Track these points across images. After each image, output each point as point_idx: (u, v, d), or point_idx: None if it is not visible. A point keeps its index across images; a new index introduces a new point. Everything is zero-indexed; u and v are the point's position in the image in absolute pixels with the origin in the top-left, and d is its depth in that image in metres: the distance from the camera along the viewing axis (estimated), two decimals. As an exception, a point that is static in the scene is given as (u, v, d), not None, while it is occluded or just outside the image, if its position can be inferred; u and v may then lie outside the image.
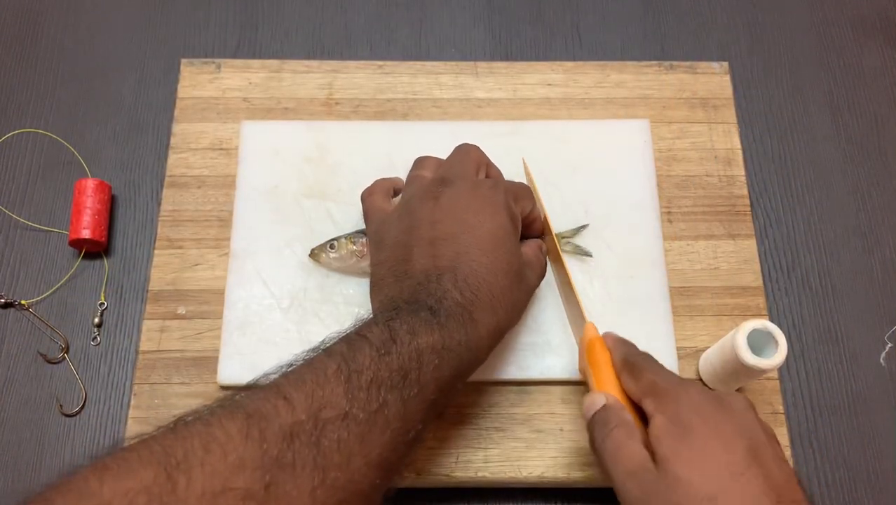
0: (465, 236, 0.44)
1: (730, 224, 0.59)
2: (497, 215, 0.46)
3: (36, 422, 0.55)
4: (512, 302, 0.45)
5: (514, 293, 0.45)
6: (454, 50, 0.69)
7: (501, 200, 0.46)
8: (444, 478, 0.51)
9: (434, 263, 0.43)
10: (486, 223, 0.45)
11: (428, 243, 0.44)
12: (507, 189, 0.48)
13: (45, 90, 0.66)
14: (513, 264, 0.45)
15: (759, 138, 0.66)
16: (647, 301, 0.55)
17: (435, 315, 0.40)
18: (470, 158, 0.50)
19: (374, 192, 0.53)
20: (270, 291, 0.55)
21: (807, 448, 0.55)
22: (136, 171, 0.63)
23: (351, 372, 0.36)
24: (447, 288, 0.42)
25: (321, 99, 0.63)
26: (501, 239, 0.45)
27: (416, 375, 0.38)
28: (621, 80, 0.64)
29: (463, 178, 0.48)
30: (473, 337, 0.41)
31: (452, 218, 0.45)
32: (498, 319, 0.43)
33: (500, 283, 0.44)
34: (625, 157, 0.60)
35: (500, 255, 0.44)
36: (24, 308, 0.58)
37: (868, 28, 0.71)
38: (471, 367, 0.43)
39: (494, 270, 0.43)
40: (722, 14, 0.71)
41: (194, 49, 0.68)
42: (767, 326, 0.47)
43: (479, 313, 0.42)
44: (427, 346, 0.39)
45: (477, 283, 0.42)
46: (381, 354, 0.37)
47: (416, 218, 0.46)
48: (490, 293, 0.43)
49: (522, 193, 0.50)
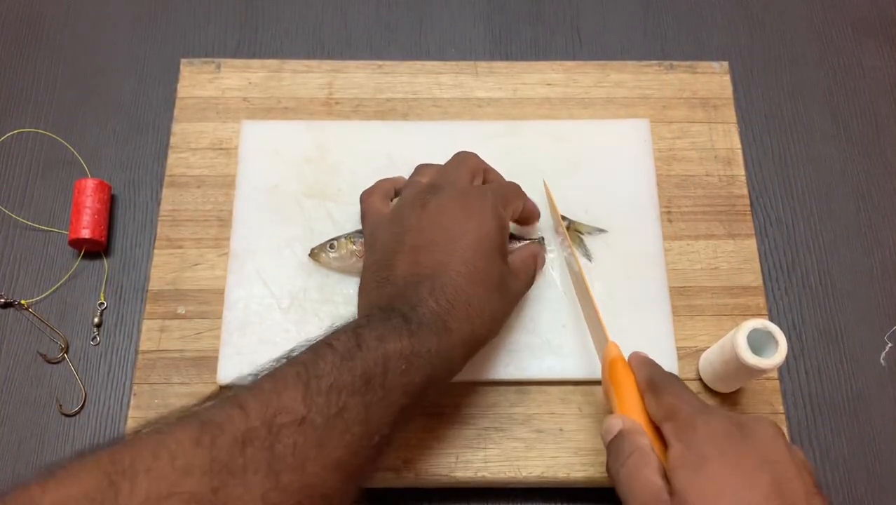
0: (448, 245, 0.44)
1: (730, 224, 0.59)
2: (483, 225, 0.46)
3: (36, 422, 0.55)
4: (490, 313, 0.45)
5: (494, 304, 0.45)
6: (454, 50, 0.69)
7: (489, 208, 0.46)
8: (444, 478, 0.51)
9: (415, 270, 0.44)
10: (471, 233, 0.45)
11: (411, 250, 0.45)
12: (496, 195, 0.48)
13: (45, 90, 0.66)
14: (494, 275, 0.45)
15: (759, 138, 0.66)
16: (647, 301, 0.55)
17: (407, 322, 0.40)
18: (465, 166, 0.50)
19: (373, 193, 0.53)
20: (270, 290, 0.55)
21: (807, 448, 0.55)
22: (136, 170, 0.63)
23: (311, 377, 0.36)
24: (424, 296, 0.42)
25: (321, 99, 0.63)
26: (485, 249, 0.45)
27: (380, 380, 0.38)
28: (621, 80, 0.64)
29: (453, 185, 0.48)
30: (446, 345, 0.41)
31: (437, 226, 0.45)
32: (473, 329, 0.43)
33: (479, 293, 0.44)
34: (625, 157, 0.60)
35: (481, 265, 0.44)
36: (24, 308, 0.58)
37: (868, 28, 0.71)
38: (444, 374, 0.43)
39: (474, 280, 0.44)
40: (722, 14, 0.71)
41: (194, 49, 0.68)
42: (767, 326, 0.47)
43: (455, 322, 0.42)
44: (395, 351, 0.39)
45: (454, 292, 0.43)
46: (344, 359, 0.37)
47: (403, 224, 0.46)
48: (467, 303, 0.43)
49: (512, 195, 0.50)
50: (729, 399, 0.53)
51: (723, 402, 0.53)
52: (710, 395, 0.53)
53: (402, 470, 0.51)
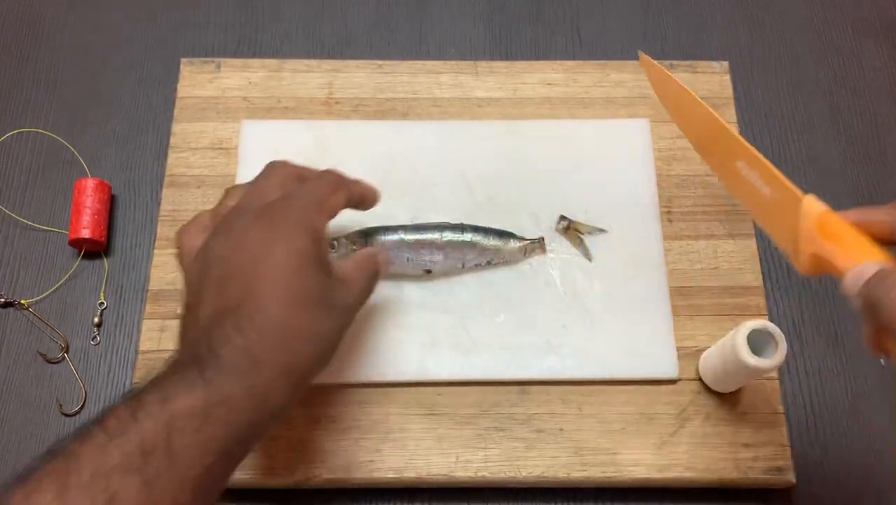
0: (255, 269, 0.40)
1: (730, 224, 0.59)
2: (291, 239, 0.41)
3: (36, 422, 0.55)
4: (315, 334, 0.41)
5: (318, 323, 0.41)
6: (454, 50, 0.69)
7: (296, 219, 0.42)
8: (443, 478, 0.51)
9: (220, 304, 0.39)
10: (279, 251, 0.40)
11: (216, 283, 0.40)
12: (304, 201, 0.43)
13: (45, 90, 0.66)
14: (314, 292, 0.41)
15: (759, 138, 0.66)
16: (647, 301, 0.55)
17: (203, 371, 0.36)
18: (273, 177, 0.46)
19: (187, 228, 0.46)
20: (270, 290, 0.55)
21: (807, 448, 0.55)
22: (136, 170, 0.63)
23: (70, 470, 0.32)
24: (228, 333, 0.38)
25: (321, 98, 0.63)
26: (298, 265, 0.41)
27: (163, 447, 0.34)
28: (621, 80, 0.64)
29: (261, 202, 0.43)
30: (259, 382, 0.38)
31: (242, 251, 0.41)
32: (294, 357, 0.39)
33: (296, 315, 0.40)
34: (625, 156, 0.60)
35: (295, 284, 0.40)
36: (24, 308, 0.58)
37: (868, 28, 0.71)
38: (263, 416, 0.38)
39: (286, 301, 0.39)
40: (722, 14, 0.71)
41: (194, 49, 0.68)
42: (767, 326, 0.47)
43: (266, 354, 0.38)
44: (184, 410, 0.35)
45: (263, 320, 0.38)
46: (113, 437, 0.33)
47: (209, 256, 0.42)
48: (281, 329, 0.39)
49: (328, 191, 0.45)
50: (729, 399, 0.53)
51: (722, 402, 0.53)
52: (710, 395, 0.53)
53: (403, 470, 0.51)
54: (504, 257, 0.56)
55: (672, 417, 0.53)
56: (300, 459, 0.51)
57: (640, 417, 0.53)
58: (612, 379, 0.53)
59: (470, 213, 0.58)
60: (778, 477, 0.51)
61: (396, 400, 0.53)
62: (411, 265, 0.55)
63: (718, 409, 0.53)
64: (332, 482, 0.51)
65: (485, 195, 0.59)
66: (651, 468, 0.51)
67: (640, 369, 0.53)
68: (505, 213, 0.58)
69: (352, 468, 0.51)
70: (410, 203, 0.58)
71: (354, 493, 0.53)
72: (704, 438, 0.52)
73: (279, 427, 0.52)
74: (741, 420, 0.53)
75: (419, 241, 0.55)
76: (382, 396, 0.53)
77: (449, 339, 0.54)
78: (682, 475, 0.51)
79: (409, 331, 0.54)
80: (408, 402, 0.53)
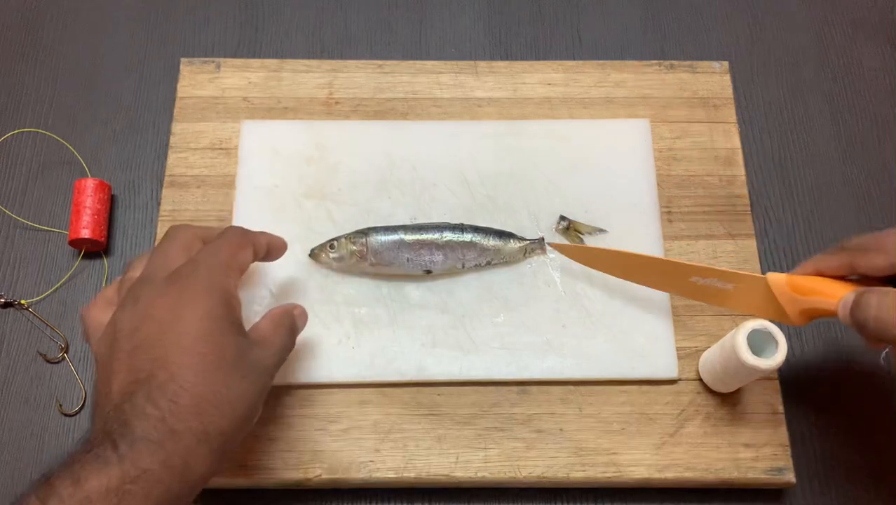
0: (164, 338, 0.39)
1: (730, 224, 0.59)
2: (199, 303, 0.41)
3: (36, 422, 0.55)
4: (232, 397, 0.40)
5: (235, 386, 0.40)
6: (454, 50, 0.69)
7: (204, 283, 0.42)
8: (443, 478, 0.51)
9: (132, 377, 0.39)
10: (187, 316, 0.40)
11: (127, 356, 0.39)
12: (210, 262, 0.43)
13: (45, 90, 0.66)
14: (227, 354, 0.40)
15: (759, 138, 0.66)
16: (647, 301, 0.55)
17: (116, 446, 0.36)
18: (175, 243, 0.45)
19: (93, 304, 0.45)
20: (270, 291, 0.55)
21: (807, 448, 0.55)
22: (136, 170, 0.63)
23: None
24: (140, 405, 0.37)
25: (321, 98, 0.63)
26: (208, 329, 0.40)
27: None
28: (621, 80, 0.64)
29: (164, 269, 0.43)
30: (178, 452, 0.37)
31: (150, 320, 0.40)
32: (211, 423, 0.38)
33: (209, 380, 0.39)
34: (625, 156, 0.60)
35: (206, 348, 0.40)
36: (24, 308, 0.58)
37: (868, 28, 0.71)
38: (183, 488, 0.37)
39: (200, 367, 0.39)
40: (722, 14, 0.71)
41: (194, 49, 0.68)
42: (767, 326, 0.47)
43: (182, 423, 0.37)
44: (98, 490, 0.34)
45: (176, 389, 0.38)
46: None
47: (118, 329, 0.41)
48: (195, 396, 0.38)
49: (234, 249, 0.45)
50: (729, 399, 0.53)
51: (722, 402, 0.53)
52: (710, 395, 0.53)
53: (403, 470, 0.51)
54: (504, 257, 0.56)
55: (672, 417, 0.53)
56: (300, 459, 0.51)
57: (640, 417, 0.53)
58: (612, 379, 0.53)
59: (470, 213, 0.58)
60: (778, 477, 0.51)
61: (396, 400, 0.53)
62: (411, 265, 0.55)
63: (718, 409, 0.53)
64: (332, 482, 0.51)
65: (485, 195, 0.59)
66: (651, 468, 0.51)
67: (640, 369, 0.53)
68: (505, 213, 0.58)
69: (352, 468, 0.51)
70: (410, 203, 0.58)
71: (354, 493, 0.53)
72: (704, 438, 0.52)
73: (293, 428, 0.52)
74: (741, 420, 0.53)
75: (419, 242, 0.55)
76: (382, 396, 0.53)
77: (449, 339, 0.54)
78: (682, 475, 0.51)
79: (409, 331, 0.54)
80: (408, 402, 0.53)
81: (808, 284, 0.47)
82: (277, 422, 0.52)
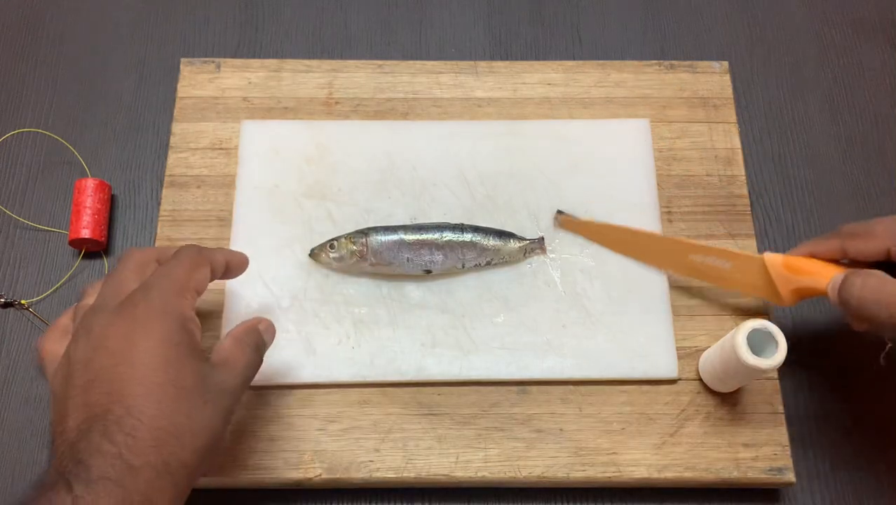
0: (118, 369, 0.38)
1: (730, 224, 0.59)
2: (153, 329, 0.39)
3: (36, 422, 0.55)
4: (194, 426, 0.38)
5: (197, 414, 0.38)
6: (454, 50, 0.69)
7: (158, 308, 0.40)
8: (443, 478, 0.51)
9: (87, 413, 0.37)
10: (141, 345, 0.38)
11: (82, 390, 0.38)
12: (163, 285, 0.41)
13: (45, 90, 0.66)
14: (184, 382, 0.39)
15: (759, 138, 0.66)
16: (647, 301, 0.55)
17: (71, 488, 0.34)
18: (128, 266, 0.43)
19: (46, 336, 0.43)
20: (270, 290, 0.55)
21: (807, 448, 0.55)
22: (136, 170, 0.63)
23: None
24: (95, 442, 0.35)
25: (321, 98, 0.63)
26: (163, 357, 0.38)
27: None
28: (621, 80, 0.64)
29: (117, 295, 0.41)
30: (137, 490, 0.35)
31: (104, 351, 0.38)
32: (171, 455, 0.37)
33: (167, 410, 0.37)
34: (625, 156, 0.60)
35: (163, 377, 0.38)
36: (24, 308, 0.58)
37: (868, 28, 0.71)
38: None
39: (157, 398, 0.37)
40: (722, 14, 0.71)
41: (194, 49, 0.68)
42: (767, 326, 0.47)
43: (140, 458, 0.36)
44: None
45: (133, 421, 0.36)
46: None
47: (71, 362, 0.39)
48: (154, 427, 0.37)
49: (190, 269, 0.43)
50: (729, 399, 0.53)
51: (722, 402, 0.53)
52: (710, 395, 0.53)
53: (402, 470, 0.51)
54: (504, 257, 0.56)
55: (672, 417, 0.53)
56: (300, 459, 0.51)
57: (640, 417, 0.53)
58: (612, 379, 0.53)
59: (470, 213, 0.58)
60: (778, 477, 0.51)
61: (396, 400, 0.53)
62: (411, 265, 0.55)
63: (718, 409, 0.53)
64: (332, 482, 0.51)
65: (485, 195, 0.59)
66: (651, 468, 0.51)
67: (640, 369, 0.53)
68: (505, 214, 0.58)
69: (352, 468, 0.51)
70: (410, 203, 0.58)
71: (354, 493, 0.53)
72: (704, 438, 0.52)
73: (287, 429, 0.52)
74: (741, 420, 0.53)
75: (419, 241, 0.55)
76: (382, 396, 0.53)
77: (449, 339, 0.54)
78: (682, 475, 0.51)
79: (409, 331, 0.54)
80: (408, 402, 0.53)
81: (802, 264, 0.50)
82: (277, 422, 0.52)
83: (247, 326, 0.45)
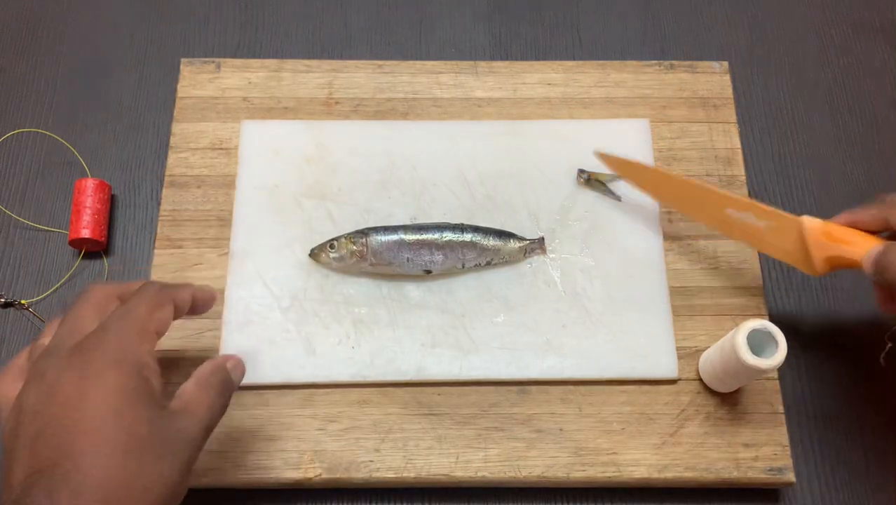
0: (68, 420, 0.35)
1: (730, 224, 0.59)
2: (106, 377, 0.37)
3: (36, 422, 0.55)
4: (144, 483, 0.36)
5: (148, 471, 0.36)
6: (454, 50, 0.69)
7: (113, 353, 0.37)
8: (444, 478, 0.51)
9: (33, 466, 0.35)
10: (94, 394, 0.36)
11: (31, 440, 0.35)
12: (120, 327, 0.39)
13: (45, 90, 0.66)
14: (138, 434, 0.36)
15: (759, 138, 0.66)
16: (647, 301, 0.55)
17: None
18: (86, 306, 0.41)
19: (3, 375, 0.41)
20: (270, 290, 0.55)
21: (806, 448, 0.55)
22: (136, 170, 0.63)
23: None
24: (38, 500, 0.33)
25: (321, 99, 0.63)
26: (115, 407, 0.36)
27: None
28: (621, 80, 0.64)
29: (71, 337, 0.39)
30: None
31: (54, 400, 0.36)
32: None
33: (117, 466, 0.35)
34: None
35: (114, 429, 0.36)
36: (24, 308, 0.58)
37: (868, 28, 0.71)
38: None
39: (106, 452, 0.35)
40: (722, 14, 0.71)
41: (194, 49, 0.68)
42: (767, 326, 0.47)
43: None
44: None
45: (80, 480, 0.34)
46: None
47: (21, 410, 0.37)
48: (102, 488, 0.34)
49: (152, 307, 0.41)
50: (729, 399, 0.53)
51: (722, 402, 0.53)
52: (710, 395, 0.53)
53: (402, 470, 0.51)
54: (504, 257, 0.56)
55: (672, 417, 0.53)
56: (300, 459, 0.51)
57: (640, 417, 0.53)
58: (612, 379, 0.53)
59: (470, 213, 0.58)
60: (778, 477, 0.51)
61: (396, 400, 0.53)
62: (411, 265, 0.55)
63: (718, 409, 0.53)
64: (332, 482, 0.51)
65: (485, 195, 0.59)
66: (651, 468, 0.51)
67: (640, 369, 0.53)
68: (505, 213, 0.58)
69: (352, 468, 0.51)
70: (410, 203, 0.58)
71: (354, 493, 0.53)
72: (704, 438, 0.52)
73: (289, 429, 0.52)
74: (741, 420, 0.53)
75: (419, 241, 0.55)
76: (382, 396, 0.53)
77: (449, 339, 0.54)
78: (682, 475, 0.51)
79: (409, 331, 0.54)
80: (408, 402, 0.53)
81: (841, 233, 0.49)
82: (277, 422, 0.52)
83: (213, 365, 0.43)
